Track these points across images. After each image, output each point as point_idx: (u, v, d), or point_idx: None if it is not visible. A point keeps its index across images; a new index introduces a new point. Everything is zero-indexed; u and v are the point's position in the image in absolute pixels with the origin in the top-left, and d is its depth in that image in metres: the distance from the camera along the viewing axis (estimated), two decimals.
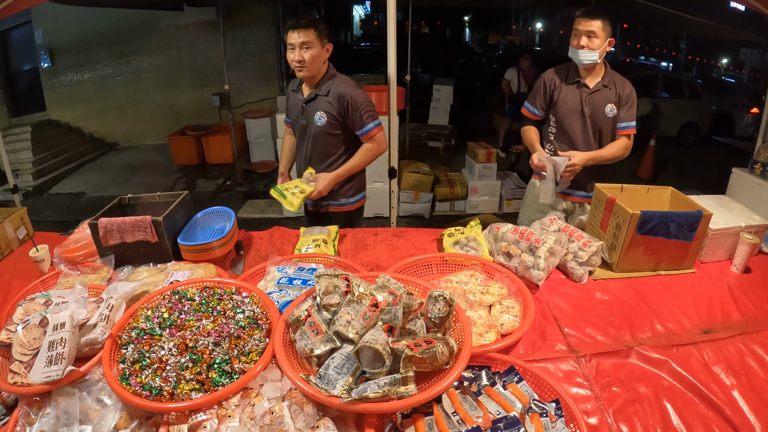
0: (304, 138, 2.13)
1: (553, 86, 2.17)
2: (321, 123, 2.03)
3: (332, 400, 0.98)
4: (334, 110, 2.01)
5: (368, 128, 2.04)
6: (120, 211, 1.87)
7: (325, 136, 2.06)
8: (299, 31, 1.89)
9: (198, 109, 6.84)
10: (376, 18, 12.34)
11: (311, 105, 2.04)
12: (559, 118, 2.18)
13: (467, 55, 11.41)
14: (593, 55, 2.02)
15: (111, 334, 1.19)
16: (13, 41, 7.18)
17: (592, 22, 1.98)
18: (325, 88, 2.01)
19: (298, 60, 1.92)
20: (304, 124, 2.09)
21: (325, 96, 2.01)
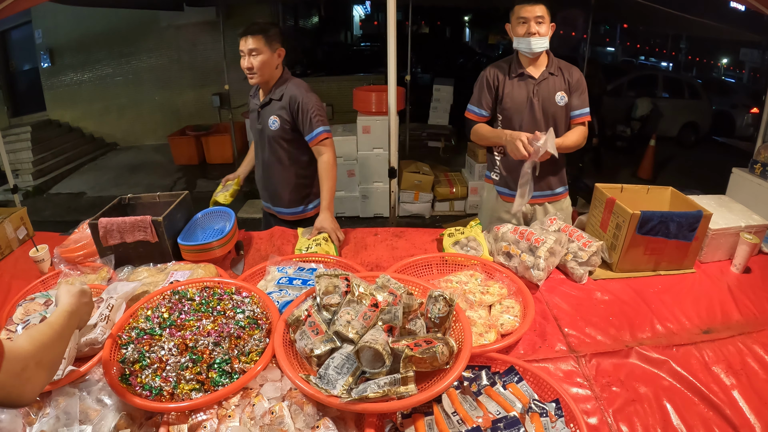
0: (261, 143, 2.12)
1: (497, 82, 2.00)
2: (275, 127, 2.02)
3: (332, 400, 0.98)
4: (286, 114, 1.99)
5: (317, 132, 1.96)
6: (120, 211, 1.87)
7: (279, 141, 2.05)
8: (247, 38, 1.90)
9: (198, 109, 6.84)
10: (376, 18, 12.33)
11: (266, 110, 2.04)
12: (507, 114, 2.01)
13: (467, 55, 11.41)
14: (544, 41, 1.89)
15: (111, 334, 1.19)
16: (13, 41, 7.18)
17: (536, 7, 1.85)
18: (279, 92, 2.01)
19: (247, 67, 1.94)
20: (259, 129, 2.09)
21: (279, 100, 2.00)
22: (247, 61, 1.93)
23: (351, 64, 8.57)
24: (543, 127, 1.97)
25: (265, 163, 2.14)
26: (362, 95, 4.36)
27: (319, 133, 1.97)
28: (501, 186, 2.17)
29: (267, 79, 2.00)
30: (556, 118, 2.00)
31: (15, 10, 2.60)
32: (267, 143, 2.07)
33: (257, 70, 1.94)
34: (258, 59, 1.92)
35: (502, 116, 2.03)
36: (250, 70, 1.94)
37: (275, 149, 2.07)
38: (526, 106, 1.97)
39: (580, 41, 8.79)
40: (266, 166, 2.14)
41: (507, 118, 2.02)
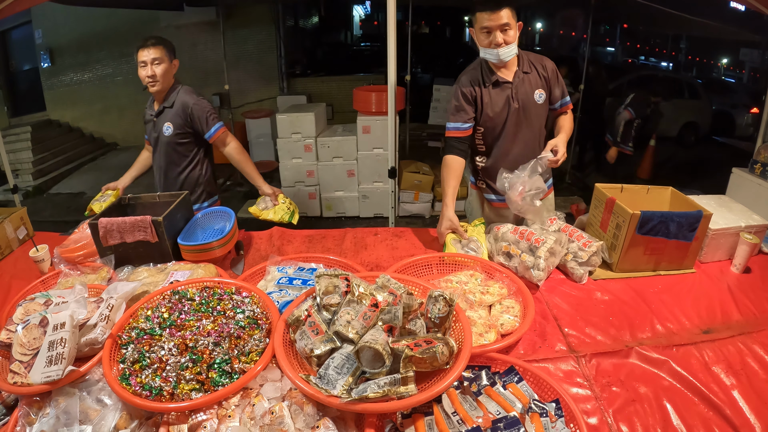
0: (157, 150, 2.25)
1: (474, 93, 1.89)
2: (168, 133, 2.15)
3: (332, 400, 0.98)
4: (180, 119, 2.14)
5: (216, 128, 2.16)
6: (120, 211, 1.87)
7: (173, 145, 2.19)
8: (150, 49, 2.03)
9: None
10: (376, 18, 12.32)
11: (160, 118, 2.17)
12: (489, 125, 1.93)
13: (467, 55, 11.40)
14: (513, 49, 1.78)
15: (111, 334, 1.19)
16: (13, 41, 7.19)
17: (500, 13, 1.71)
18: (170, 100, 2.14)
19: (150, 75, 2.05)
20: (155, 137, 2.22)
21: (171, 108, 2.14)
22: (149, 69, 2.05)
23: (351, 64, 8.56)
24: (526, 130, 1.92)
25: (162, 168, 2.27)
26: (362, 95, 4.36)
27: (218, 129, 2.17)
28: (489, 193, 2.12)
29: (165, 87, 2.13)
30: (539, 117, 1.94)
31: (15, 10, 2.60)
32: (163, 149, 2.21)
33: (159, 78, 2.07)
34: (160, 68, 2.06)
35: (483, 128, 1.95)
36: (153, 78, 2.06)
37: (170, 153, 2.21)
38: (506, 112, 1.89)
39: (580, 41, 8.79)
40: (164, 170, 2.27)
41: (489, 128, 1.94)
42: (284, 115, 4.33)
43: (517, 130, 1.92)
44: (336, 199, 4.58)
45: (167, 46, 2.08)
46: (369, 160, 4.38)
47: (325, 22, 10.18)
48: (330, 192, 4.56)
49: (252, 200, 5.12)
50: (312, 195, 4.55)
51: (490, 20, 1.73)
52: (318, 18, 9.99)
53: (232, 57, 6.08)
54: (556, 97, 1.94)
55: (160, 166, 2.27)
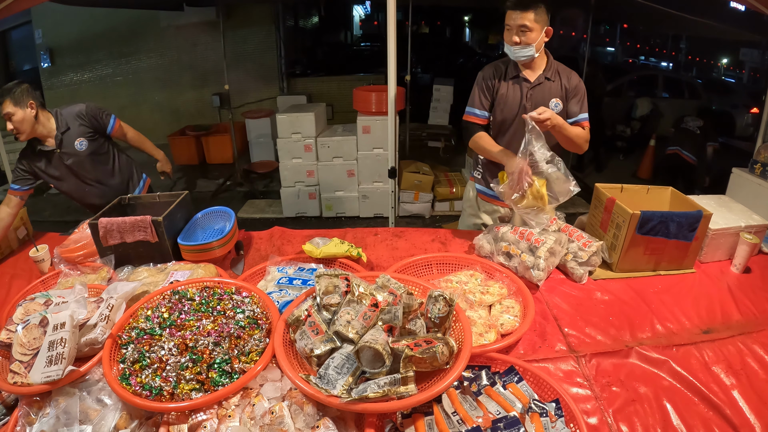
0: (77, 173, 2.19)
1: (491, 83, 1.93)
2: (84, 147, 2.16)
3: (332, 400, 0.98)
4: (85, 128, 2.15)
5: (113, 120, 2.26)
6: (120, 211, 1.87)
7: (95, 155, 2.20)
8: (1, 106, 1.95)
9: (198, 109, 6.83)
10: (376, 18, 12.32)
11: (65, 143, 2.12)
12: (497, 118, 1.95)
13: (467, 55, 11.39)
14: (529, 50, 1.81)
15: (111, 334, 1.19)
16: (13, 41, 7.18)
17: (523, 15, 1.76)
18: (64, 124, 2.11)
19: (10, 129, 1.99)
20: (69, 164, 2.15)
21: (69, 129, 2.12)
22: (9, 125, 1.99)
23: (351, 64, 8.55)
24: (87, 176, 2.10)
25: (96, 182, 2.25)
26: (362, 95, 4.35)
27: (114, 120, 2.28)
28: (481, 185, 2.13)
29: (31, 130, 2.04)
30: (92, 157, 2.11)
31: (15, 10, 2.60)
32: (87, 165, 2.20)
33: (21, 129, 2.00)
34: (15, 120, 1.98)
35: (494, 118, 1.97)
36: (16, 131, 2.00)
37: (98, 162, 2.24)
38: (518, 109, 1.91)
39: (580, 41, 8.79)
40: (98, 183, 2.26)
41: (498, 121, 1.96)
42: (284, 115, 4.33)
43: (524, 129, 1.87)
44: (336, 199, 4.57)
45: (14, 96, 1.97)
46: (369, 160, 4.38)
47: (325, 22, 10.17)
48: (330, 192, 4.56)
49: (252, 200, 5.12)
50: (312, 195, 4.55)
51: (512, 19, 1.79)
52: (318, 18, 9.99)
53: (232, 57, 6.07)
54: (573, 112, 1.92)
55: (95, 181, 2.25)
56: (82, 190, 2.25)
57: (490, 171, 2.06)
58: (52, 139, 2.11)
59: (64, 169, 2.16)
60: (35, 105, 2.04)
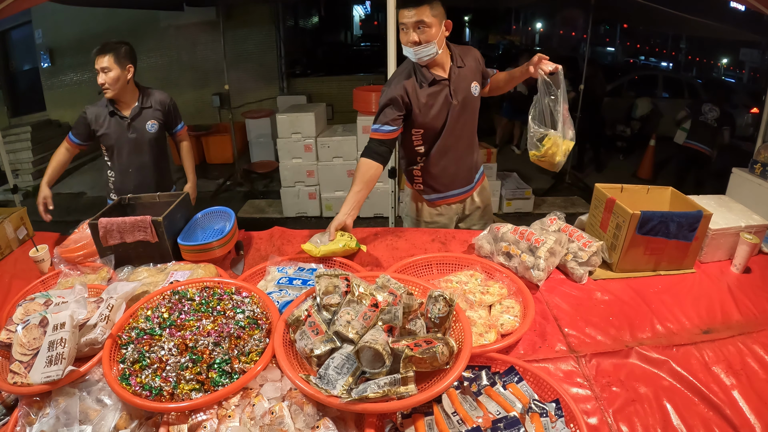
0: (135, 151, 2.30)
1: (407, 99, 1.81)
2: (153, 130, 2.30)
3: (332, 400, 0.98)
4: (161, 116, 2.31)
5: (182, 125, 2.46)
6: (120, 211, 1.87)
7: (156, 142, 2.33)
8: (101, 57, 2.12)
9: (198, 109, 6.83)
10: (376, 18, 12.33)
11: (140, 118, 2.27)
12: (428, 125, 1.87)
13: None
14: (429, 49, 1.71)
15: (111, 334, 1.19)
16: (13, 41, 7.17)
17: (418, 11, 1.66)
18: (148, 101, 2.29)
19: (101, 83, 2.14)
20: (134, 138, 2.27)
21: (150, 108, 2.29)
22: (101, 77, 2.14)
23: (351, 64, 8.55)
24: (469, 125, 1.95)
25: (148, 167, 2.35)
26: (362, 95, 4.36)
27: (183, 126, 2.46)
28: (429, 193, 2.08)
29: (121, 92, 2.20)
30: (475, 111, 1.96)
31: (15, 10, 2.60)
32: (146, 147, 2.31)
33: (110, 84, 2.15)
34: (110, 75, 2.13)
35: (423, 129, 1.89)
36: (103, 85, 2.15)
37: (154, 149, 2.34)
38: (447, 111, 1.86)
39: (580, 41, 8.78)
40: (142, 169, 2.34)
41: (430, 128, 1.88)
42: (284, 115, 4.33)
43: (456, 126, 1.90)
44: (336, 199, 4.57)
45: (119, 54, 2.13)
46: None
47: (325, 22, 10.17)
48: (330, 192, 4.56)
49: (252, 200, 5.12)
50: (312, 195, 4.55)
51: (404, 17, 1.69)
52: (318, 18, 9.99)
53: (232, 57, 6.07)
54: (488, 74, 2.01)
55: (139, 168, 2.33)
56: (125, 168, 2.32)
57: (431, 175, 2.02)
58: (129, 109, 2.24)
59: (125, 140, 2.27)
60: (132, 70, 2.18)
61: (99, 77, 2.13)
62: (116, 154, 2.30)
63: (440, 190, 2.05)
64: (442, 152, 1.95)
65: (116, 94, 2.18)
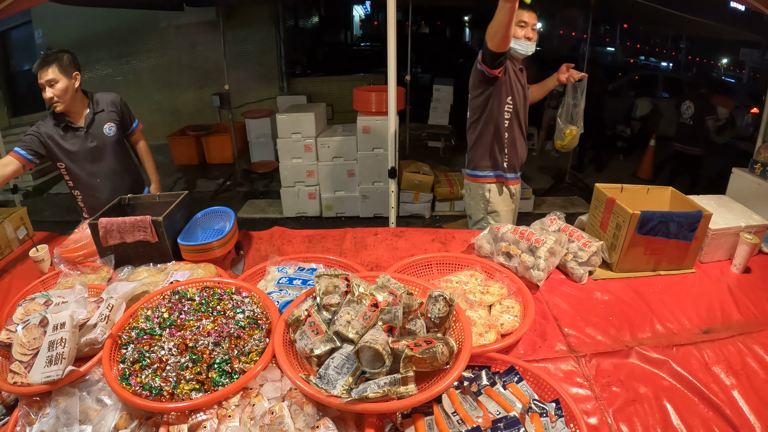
0: (99, 157, 2.17)
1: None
2: (112, 133, 2.19)
3: (332, 400, 0.98)
4: (117, 117, 2.21)
5: (137, 123, 2.36)
6: (120, 211, 1.87)
7: (118, 144, 2.22)
8: (44, 70, 1.94)
9: (198, 109, 6.83)
10: (376, 18, 12.32)
11: (95, 124, 2.13)
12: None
13: (467, 55, 11.39)
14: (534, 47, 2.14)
15: (111, 334, 1.19)
16: (13, 41, 7.17)
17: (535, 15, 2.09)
18: (100, 105, 2.17)
19: (49, 97, 1.97)
20: (93, 146, 2.13)
21: (103, 111, 2.17)
22: (49, 92, 1.96)
23: (351, 64, 8.54)
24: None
25: (110, 175, 2.21)
26: (362, 95, 4.35)
27: (137, 124, 2.35)
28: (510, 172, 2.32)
29: (71, 103, 2.05)
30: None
31: (15, 10, 2.60)
32: (109, 151, 2.19)
33: (59, 97, 1.98)
34: (59, 87, 1.97)
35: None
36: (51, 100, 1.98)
37: (118, 153, 2.23)
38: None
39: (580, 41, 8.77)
40: (112, 176, 2.21)
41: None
42: (284, 115, 4.33)
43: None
44: (336, 199, 4.58)
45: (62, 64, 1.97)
46: (369, 160, 4.38)
47: (325, 22, 10.17)
48: (330, 192, 4.56)
49: (252, 200, 5.12)
50: (312, 195, 4.55)
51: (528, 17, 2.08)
52: (318, 18, 9.98)
53: (232, 57, 6.07)
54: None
55: (112, 171, 2.21)
56: (93, 180, 2.18)
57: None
58: (82, 117, 2.11)
59: (85, 151, 2.12)
60: (79, 77, 2.05)
61: (45, 92, 1.96)
62: (79, 168, 2.14)
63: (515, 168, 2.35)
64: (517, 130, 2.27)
65: (66, 106, 2.02)
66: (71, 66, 2.01)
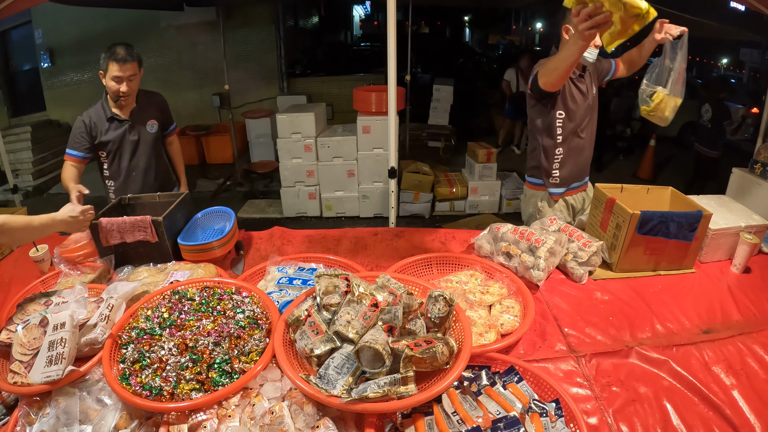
0: (138, 152, 2.23)
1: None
2: (154, 130, 2.26)
3: (332, 400, 0.98)
4: (160, 116, 2.28)
5: (174, 125, 2.42)
6: (120, 211, 1.87)
7: (156, 142, 2.28)
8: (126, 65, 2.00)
9: (198, 109, 6.82)
10: (376, 18, 12.33)
11: (139, 119, 2.19)
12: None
13: (467, 55, 11.39)
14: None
15: (111, 334, 1.19)
16: (13, 41, 7.17)
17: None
18: (144, 100, 2.21)
19: (123, 91, 2.03)
20: (135, 140, 2.20)
21: (147, 107, 2.22)
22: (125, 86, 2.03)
23: (351, 64, 8.54)
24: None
25: (145, 170, 2.27)
26: (362, 95, 4.35)
27: (175, 126, 2.43)
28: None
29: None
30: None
31: (15, 10, 2.60)
32: (149, 148, 2.25)
33: (132, 93, 2.08)
34: (135, 83, 2.07)
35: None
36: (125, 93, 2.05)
37: (156, 150, 2.29)
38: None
39: None
40: (146, 171, 2.27)
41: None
42: (284, 115, 4.33)
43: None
44: (336, 199, 4.58)
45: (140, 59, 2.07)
46: (369, 160, 4.38)
47: (325, 22, 10.17)
48: (330, 192, 4.56)
49: (252, 200, 5.12)
50: (312, 195, 4.55)
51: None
52: (318, 18, 9.99)
53: (232, 57, 6.07)
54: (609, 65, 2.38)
55: (147, 167, 2.27)
56: (129, 173, 2.24)
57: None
58: (127, 111, 2.16)
59: (126, 143, 2.19)
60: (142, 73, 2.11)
61: (120, 86, 2.00)
62: (117, 159, 2.21)
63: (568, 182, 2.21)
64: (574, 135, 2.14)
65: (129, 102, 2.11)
66: (141, 62, 2.10)
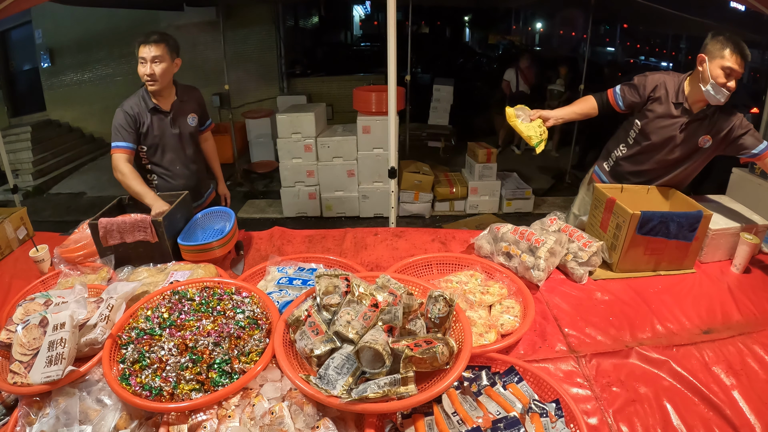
0: (180, 145, 2.19)
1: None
2: (194, 124, 2.24)
3: (332, 401, 0.98)
4: (199, 110, 2.26)
5: (210, 120, 2.39)
6: (120, 211, 1.87)
7: (195, 136, 2.27)
8: (151, 46, 1.96)
9: None
10: (376, 18, 12.33)
11: (179, 111, 2.16)
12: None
13: (467, 55, 11.39)
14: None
15: (111, 334, 1.19)
16: (13, 41, 7.17)
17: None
18: (185, 94, 2.20)
19: (147, 74, 1.98)
20: (176, 133, 2.16)
21: (187, 101, 2.21)
22: (149, 67, 1.98)
23: (351, 64, 8.54)
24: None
25: (186, 164, 2.24)
26: (362, 95, 4.35)
27: (210, 122, 2.40)
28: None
29: (166, 87, 2.08)
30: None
31: (15, 10, 2.60)
32: (186, 141, 2.21)
33: (159, 77, 2.00)
34: (160, 67, 1.99)
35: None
36: (152, 76, 1.99)
37: (195, 144, 2.28)
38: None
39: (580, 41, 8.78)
40: (188, 165, 2.25)
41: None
42: (284, 115, 4.33)
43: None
44: (336, 199, 4.58)
45: (170, 44, 2.01)
46: (369, 160, 4.38)
47: (325, 22, 10.16)
48: (330, 192, 4.56)
49: (252, 200, 5.12)
50: (312, 195, 4.55)
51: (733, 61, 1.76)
52: (318, 18, 9.98)
53: (232, 57, 6.07)
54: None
55: (189, 161, 2.23)
56: (173, 166, 2.19)
57: None
58: (168, 104, 2.12)
59: (169, 136, 2.14)
60: (179, 64, 2.08)
61: (145, 67, 1.96)
62: (160, 152, 2.13)
63: None
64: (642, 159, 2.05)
65: (159, 89, 2.03)
66: (175, 51, 2.04)
